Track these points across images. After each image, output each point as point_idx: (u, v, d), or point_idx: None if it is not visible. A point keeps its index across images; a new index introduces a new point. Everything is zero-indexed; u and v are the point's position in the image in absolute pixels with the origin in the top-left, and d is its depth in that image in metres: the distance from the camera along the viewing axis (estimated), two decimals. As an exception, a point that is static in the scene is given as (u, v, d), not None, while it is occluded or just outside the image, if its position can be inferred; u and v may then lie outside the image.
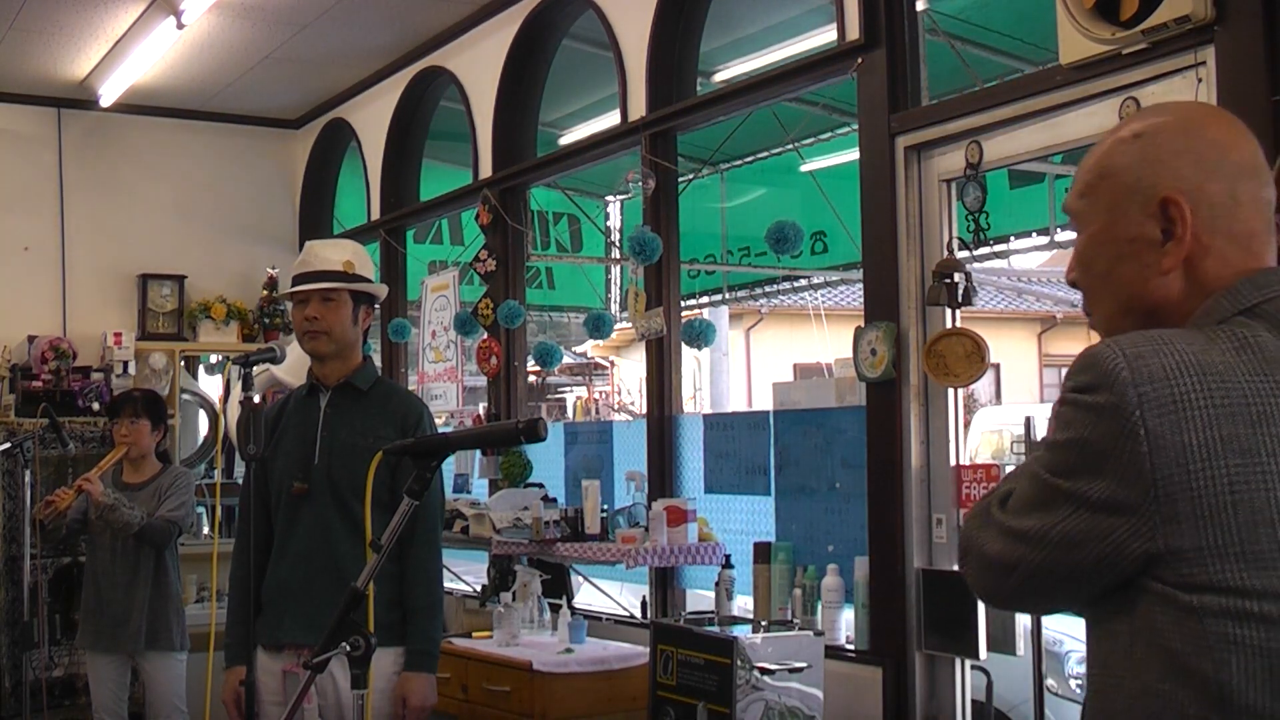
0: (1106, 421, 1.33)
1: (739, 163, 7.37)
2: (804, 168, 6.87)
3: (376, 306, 3.71)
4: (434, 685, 3.46)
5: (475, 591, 5.90)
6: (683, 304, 5.28)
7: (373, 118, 7.17)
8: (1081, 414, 1.35)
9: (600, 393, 17.26)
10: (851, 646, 4.14)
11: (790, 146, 5.81)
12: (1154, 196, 1.41)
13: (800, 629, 3.90)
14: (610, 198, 8.13)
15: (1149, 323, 1.44)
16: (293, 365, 4.61)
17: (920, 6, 4.12)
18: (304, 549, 3.47)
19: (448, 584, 5.90)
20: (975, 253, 3.95)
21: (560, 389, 17.47)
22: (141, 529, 5.09)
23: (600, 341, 7.95)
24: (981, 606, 3.68)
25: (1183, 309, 1.42)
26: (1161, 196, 1.41)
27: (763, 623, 4.04)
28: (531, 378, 8.51)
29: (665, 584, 5.00)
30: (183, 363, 7.40)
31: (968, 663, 3.88)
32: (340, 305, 3.51)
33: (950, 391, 3.95)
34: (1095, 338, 1.52)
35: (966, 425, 4.09)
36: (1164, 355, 1.33)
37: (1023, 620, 3.74)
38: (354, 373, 3.56)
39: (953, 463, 3.93)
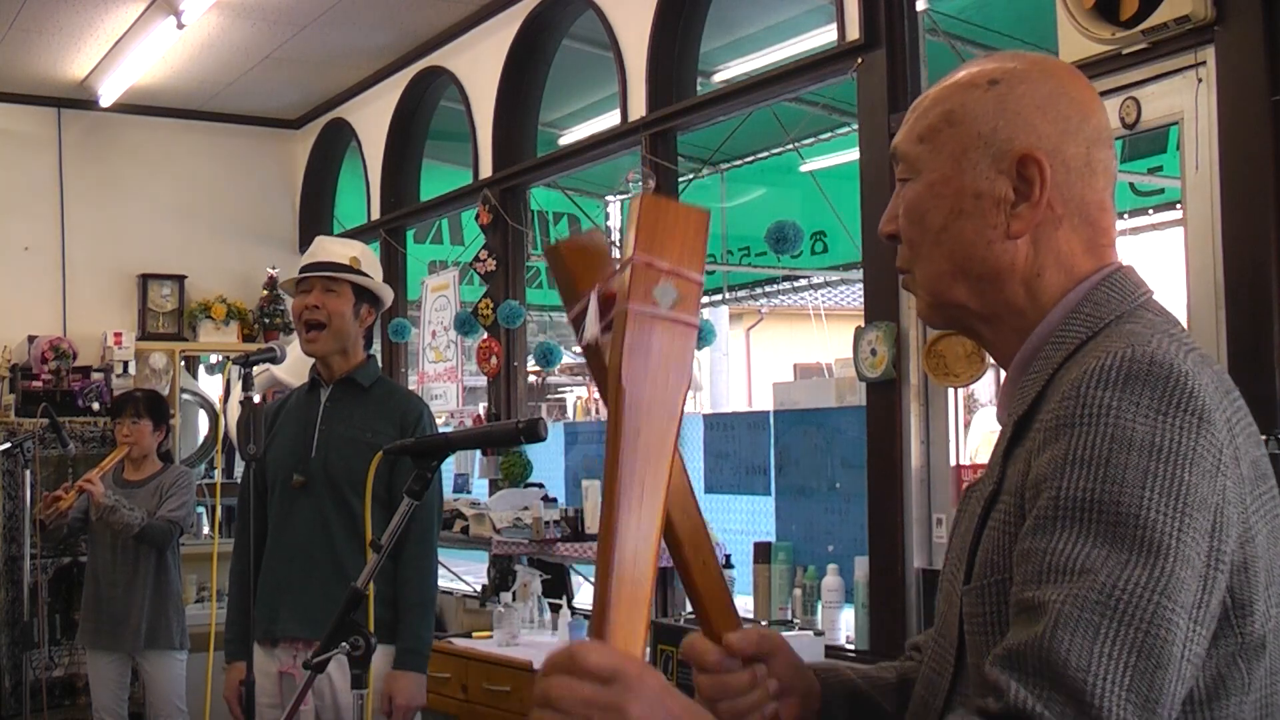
0: (1203, 459, 1.10)
1: (739, 163, 7.37)
2: (804, 168, 6.87)
3: (380, 309, 3.71)
4: (423, 685, 3.44)
5: (475, 591, 5.90)
6: (683, 304, 5.28)
7: (373, 118, 7.17)
8: (1165, 453, 1.09)
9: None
10: (851, 646, 4.14)
11: (790, 146, 5.81)
12: (1010, 151, 1.25)
13: (800, 629, 3.90)
14: (610, 198, 8.13)
15: (984, 289, 1.28)
16: (293, 365, 4.61)
17: (920, 6, 4.12)
18: (300, 542, 3.47)
19: (448, 584, 5.92)
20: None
21: (560, 389, 17.45)
22: (142, 529, 5.09)
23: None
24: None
25: (1030, 282, 1.27)
26: (1020, 153, 1.25)
27: (763, 622, 4.04)
28: (531, 378, 8.51)
29: (665, 584, 5.00)
30: (183, 363, 7.40)
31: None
32: (341, 297, 3.52)
33: (950, 391, 3.95)
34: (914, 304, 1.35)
35: (966, 425, 4.09)
36: (1201, 369, 1.14)
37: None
38: (356, 369, 3.57)
39: (953, 463, 3.93)
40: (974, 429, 4.71)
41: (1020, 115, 1.26)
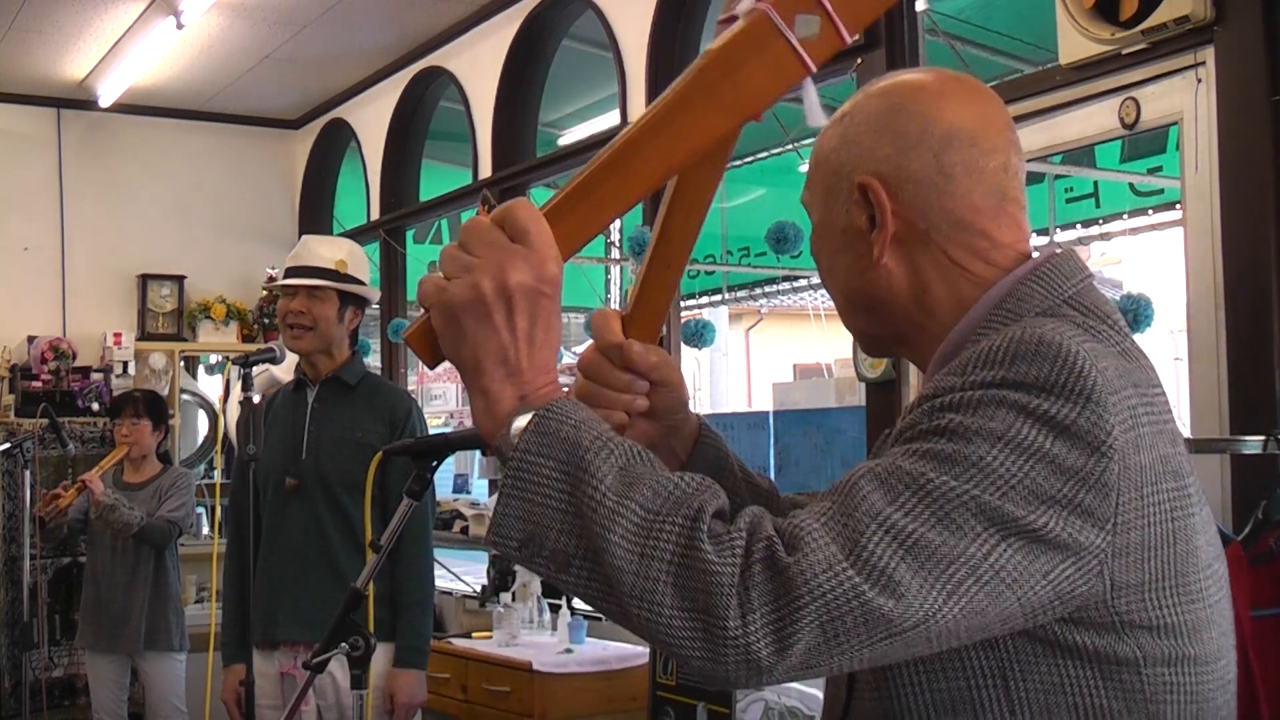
0: (1078, 437, 1.06)
1: (739, 163, 7.36)
2: (804, 168, 6.85)
3: (374, 306, 3.71)
4: (423, 682, 3.45)
5: (475, 591, 5.90)
6: (683, 304, 5.28)
7: (373, 118, 7.17)
8: (1035, 423, 1.06)
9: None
10: (851, 647, 4.13)
11: (790, 146, 5.81)
12: (852, 181, 1.25)
13: (800, 629, 3.90)
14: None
15: (877, 316, 1.28)
16: (292, 365, 4.60)
17: (920, 6, 4.12)
18: (295, 544, 3.47)
19: (447, 584, 5.91)
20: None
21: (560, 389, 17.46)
22: (142, 529, 5.09)
23: None
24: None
25: (919, 299, 1.25)
26: (858, 181, 1.24)
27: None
28: (531, 378, 8.50)
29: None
30: (182, 363, 7.40)
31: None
32: (326, 302, 3.51)
33: (950, 391, 3.94)
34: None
35: (966, 425, 4.09)
36: (1104, 358, 1.11)
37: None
38: (341, 367, 3.56)
39: (952, 463, 3.92)
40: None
41: (856, 143, 1.26)
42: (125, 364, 7.10)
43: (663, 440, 1.34)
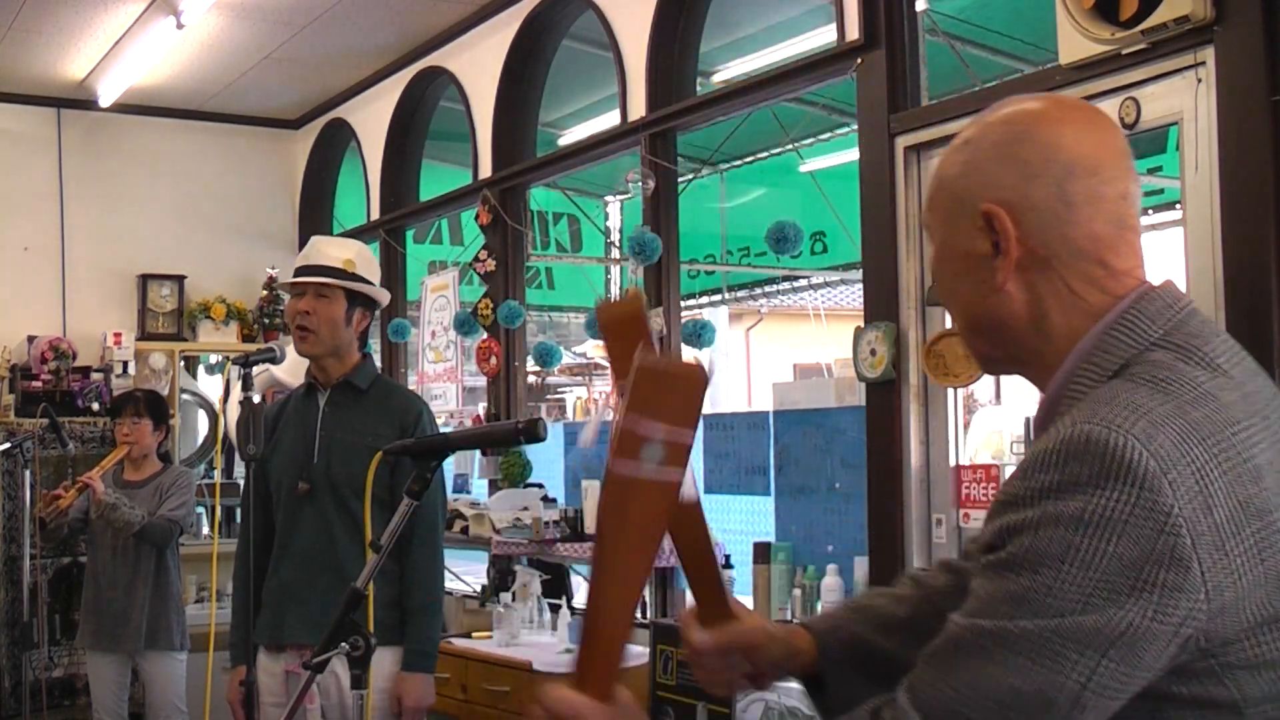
0: (1140, 525, 1.10)
1: (739, 163, 7.37)
2: (804, 168, 6.87)
3: (376, 311, 3.70)
4: (431, 685, 3.45)
5: (475, 591, 5.90)
6: (683, 304, 5.28)
7: (372, 118, 7.17)
8: (1093, 529, 1.11)
9: (600, 393, 17.26)
10: (851, 646, 4.13)
11: (790, 146, 5.81)
12: (976, 208, 1.29)
13: (800, 629, 3.90)
14: (610, 198, 8.14)
15: (997, 339, 1.33)
16: (293, 365, 4.61)
17: (920, 6, 4.12)
18: (305, 548, 3.46)
19: (448, 584, 5.92)
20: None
21: (560, 389, 17.45)
22: (143, 528, 5.09)
23: (600, 341, 7.95)
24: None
25: (1038, 325, 1.29)
26: (982, 208, 1.28)
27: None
28: (531, 378, 8.51)
29: (665, 584, 5.00)
30: (182, 363, 7.40)
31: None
32: (333, 303, 3.48)
33: (950, 391, 3.95)
34: None
35: (966, 425, 4.09)
36: (1164, 427, 1.14)
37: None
38: (353, 371, 3.55)
39: (952, 463, 3.93)
40: (973, 429, 4.68)
41: (980, 170, 1.30)
42: (125, 364, 7.10)
43: (790, 671, 1.57)
